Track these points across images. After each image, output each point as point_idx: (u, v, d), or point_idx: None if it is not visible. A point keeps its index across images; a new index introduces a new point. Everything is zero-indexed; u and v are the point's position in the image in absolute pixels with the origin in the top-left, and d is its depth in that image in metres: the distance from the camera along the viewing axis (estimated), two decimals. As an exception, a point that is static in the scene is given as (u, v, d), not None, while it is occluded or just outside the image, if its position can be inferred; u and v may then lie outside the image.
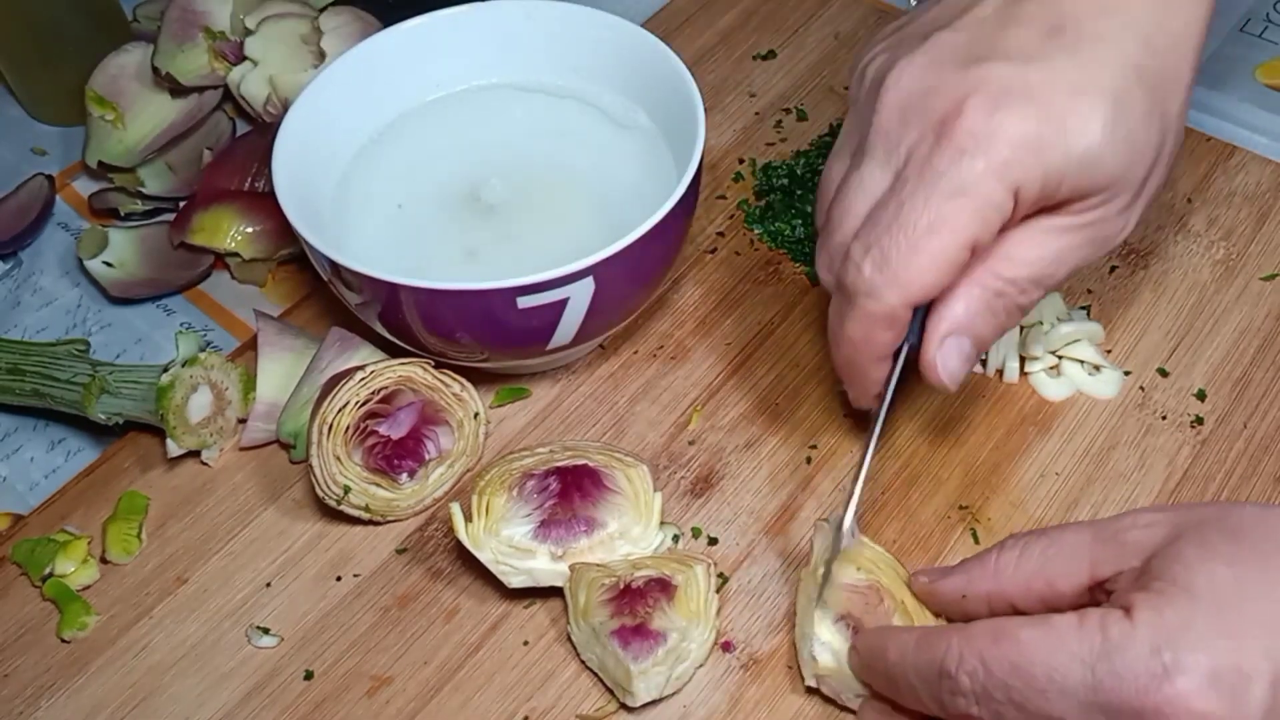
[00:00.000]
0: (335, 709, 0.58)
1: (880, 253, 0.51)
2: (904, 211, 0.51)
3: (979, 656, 0.46)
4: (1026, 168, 0.50)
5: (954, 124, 0.50)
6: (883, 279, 0.51)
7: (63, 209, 0.82)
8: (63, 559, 0.62)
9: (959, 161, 0.50)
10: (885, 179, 0.53)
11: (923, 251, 0.51)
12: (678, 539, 0.62)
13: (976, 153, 0.50)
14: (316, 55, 0.77)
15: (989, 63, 0.51)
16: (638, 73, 0.69)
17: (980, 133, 0.49)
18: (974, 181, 0.50)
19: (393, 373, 0.62)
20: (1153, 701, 0.42)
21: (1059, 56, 0.51)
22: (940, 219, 0.50)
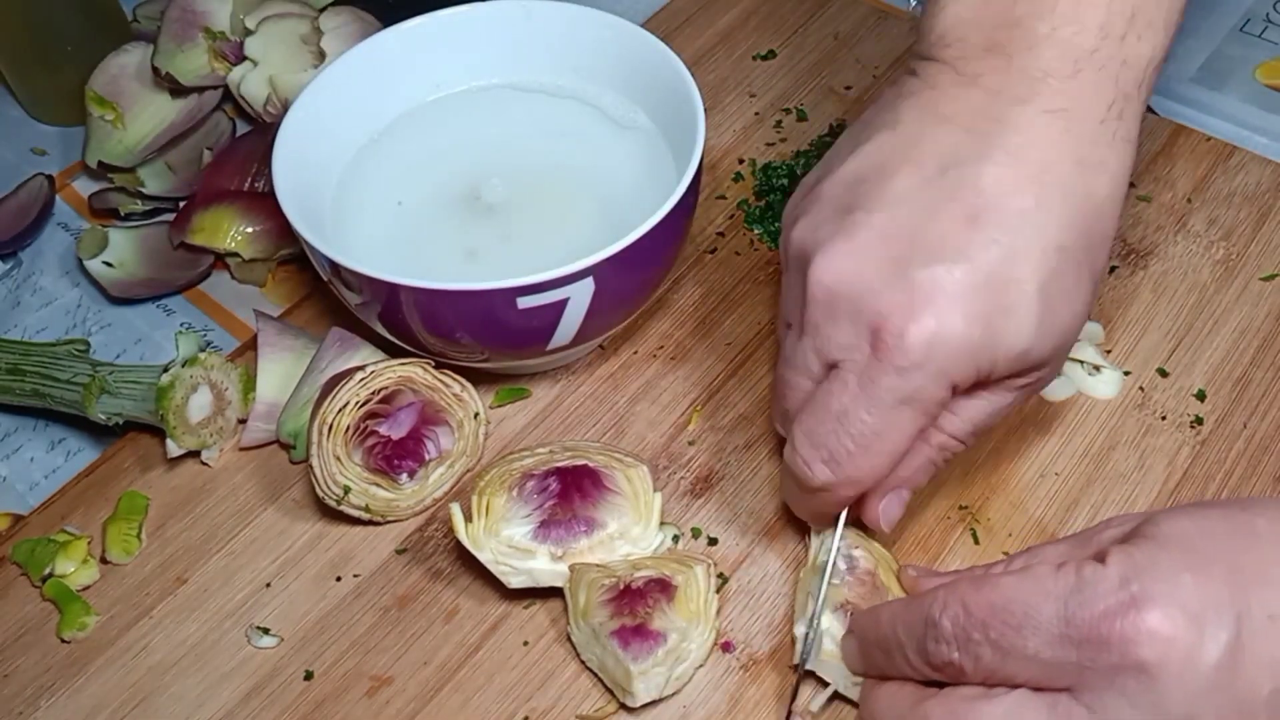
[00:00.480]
0: (335, 709, 0.58)
1: (830, 454, 0.53)
2: (849, 419, 0.52)
3: (961, 601, 0.47)
4: (962, 369, 0.51)
5: (889, 340, 0.50)
6: (836, 479, 0.54)
7: (63, 209, 0.82)
8: (63, 559, 0.62)
9: (900, 378, 0.51)
10: (818, 365, 0.53)
11: (873, 453, 0.53)
12: (678, 539, 0.62)
13: (915, 370, 0.50)
14: (316, 55, 0.77)
15: (915, 268, 0.50)
16: (638, 73, 0.69)
17: (918, 350, 0.50)
18: (915, 391, 0.51)
19: (393, 373, 0.62)
20: (1120, 628, 0.43)
21: (981, 250, 0.50)
22: (887, 425, 0.52)
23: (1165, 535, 0.46)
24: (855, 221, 0.52)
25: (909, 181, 0.52)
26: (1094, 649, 0.44)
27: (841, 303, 0.52)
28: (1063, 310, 0.52)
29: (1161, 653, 0.43)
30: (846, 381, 0.52)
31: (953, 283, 0.50)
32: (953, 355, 0.50)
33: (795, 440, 0.54)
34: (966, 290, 0.50)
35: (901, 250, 0.51)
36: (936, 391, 0.51)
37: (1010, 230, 0.50)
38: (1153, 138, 0.77)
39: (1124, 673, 0.43)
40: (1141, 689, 0.43)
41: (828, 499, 0.55)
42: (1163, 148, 0.77)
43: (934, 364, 0.50)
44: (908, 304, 0.50)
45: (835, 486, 0.54)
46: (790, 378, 0.55)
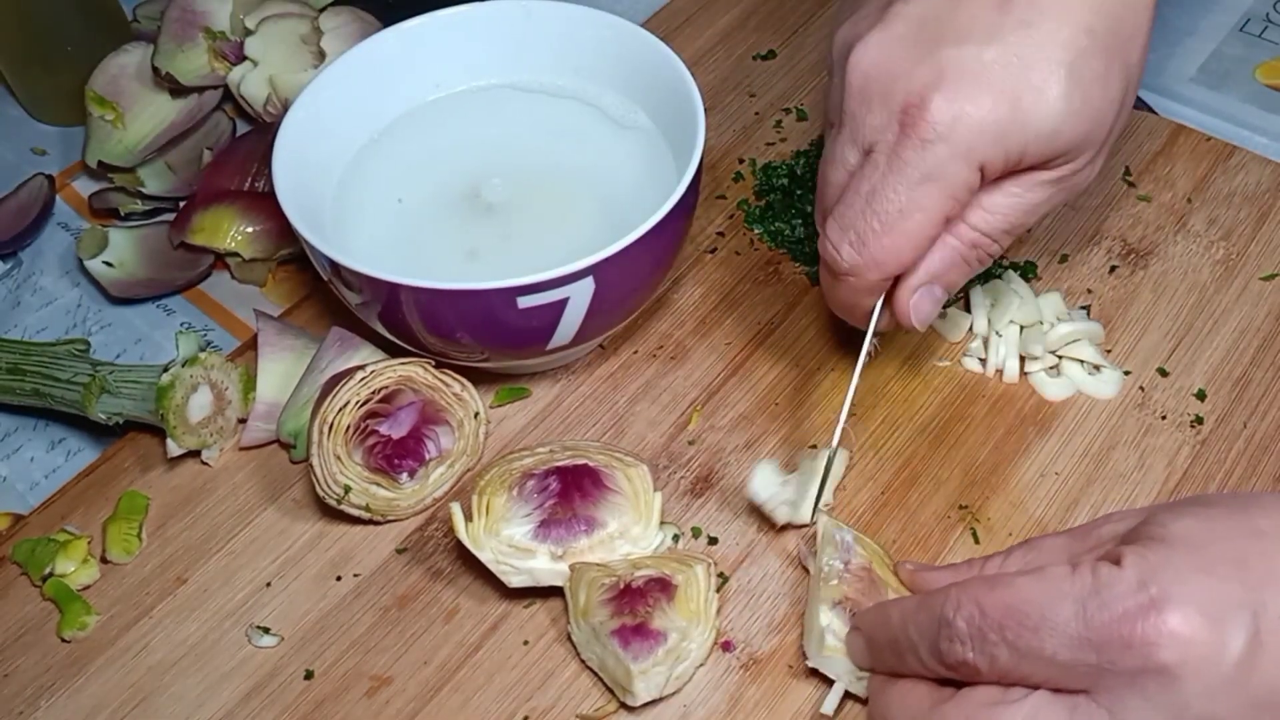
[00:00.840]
0: (335, 709, 0.58)
1: (856, 236, 0.55)
2: (876, 198, 0.54)
3: (975, 601, 0.47)
4: (989, 148, 0.52)
5: (916, 115, 0.52)
6: (861, 260, 0.55)
7: (63, 209, 0.82)
8: (63, 559, 0.62)
9: (924, 151, 0.52)
10: (854, 155, 0.55)
11: (898, 234, 0.54)
12: (678, 539, 0.62)
13: (939, 142, 0.52)
14: (316, 55, 0.77)
15: (944, 46, 0.52)
16: (638, 73, 0.69)
17: (942, 123, 0.52)
18: (940, 167, 0.52)
19: (393, 372, 0.62)
20: (1140, 631, 0.43)
21: (1011, 31, 0.52)
22: (912, 203, 0.53)
23: (1174, 536, 0.46)
24: (893, 12, 0.54)
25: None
26: (1114, 652, 0.44)
27: (875, 86, 0.53)
28: (1094, 94, 0.53)
29: (1182, 654, 0.43)
30: (877, 163, 0.54)
31: (981, 61, 0.52)
32: (978, 131, 0.52)
33: (826, 228, 0.56)
34: (994, 68, 0.52)
35: (933, 34, 0.53)
36: (962, 170, 0.52)
37: (1040, 13, 0.52)
38: (1153, 138, 0.77)
39: (1145, 675, 0.43)
40: (1162, 691, 0.43)
41: (856, 285, 0.56)
42: (1163, 148, 0.77)
43: (959, 138, 0.52)
44: (935, 80, 0.52)
45: (861, 269, 0.55)
46: (829, 173, 0.57)
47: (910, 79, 0.53)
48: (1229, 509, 0.47)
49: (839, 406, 0.66)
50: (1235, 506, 0.47)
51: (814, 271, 0.72)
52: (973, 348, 0.68)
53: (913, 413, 0.66)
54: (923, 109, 0.52)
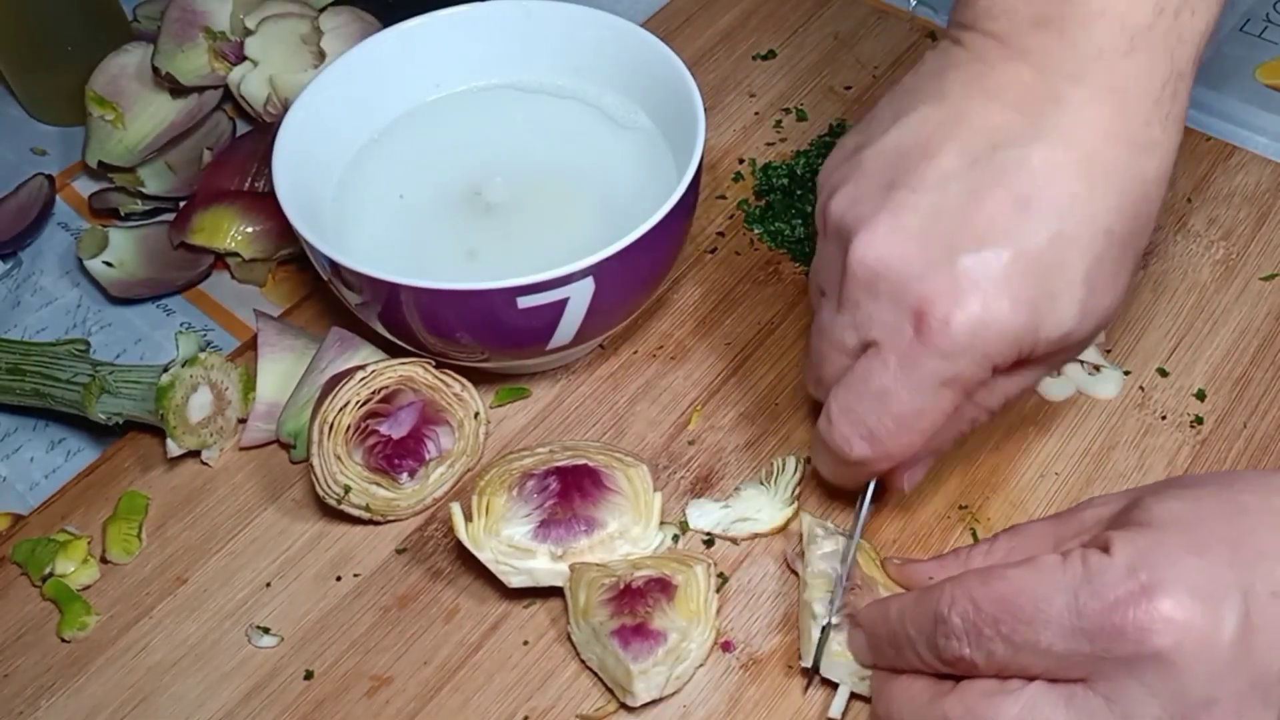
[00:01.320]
0: (335, 709, 0.58)
1: (869, 431, 0.53)
2: (890, 400, 0.52)
3: (969, 596, 0.47)
4: (1005, 352, 0.51)
5: (937, 328, 0.50)
6: (874, 455, 0.54)
7: (63, 209, 0.82)
8: (63, 559, 0.62)
9: (944, 361, 0.51)
10: (854, 340, 0.53)
11: (913, 431, 0.53)
12: (677, 539, 0.62)
13: (958, 355, 0.50)
14: (316, 55, 0.77)
15: (962, 251, 0.50)
16: (638, 73, 0.69)
17: (963, 336, 0.50)
18: (957, 374, 0.51)
19: (393, 372, 0.62)
20: (1134, 617, 0.43)
21: (1031, 236, 0.50)
22: (929, 406, 0.52)
23: (1161, 519, 0.46)
24: (900, 201, 0.51)
25: (955, 161, 0.51)
26: (1109, 639, 0.44)
27: (884, 284, 0.51)
28: (1106, 293, 0.52)
29: (1177, 639, 0.43)
30: (887, 361, 0.52)
31: (1000, 268, 0.50)
32: (997, 340, 0.50)
33: (833, 416, 0.54)
34: (1013, 276, 0.50)
35: (947, 233, 0.50)
36: (978, 373, 0.51)
37: (1060, 216, 0.50)
38: (1153, 138, 0.77)
39: (1141, 661, 0.44)
40: (1160, 676, 0.43)
41: (863, 471, 0.56)
42: (1163, 148, 0.77)
43: (978, 349, 0.50)
44: (953, 289, 0.50)
45: (874, 462, 0.54)
46: (825, 350, 0.55)
47: (924, 283, 0.50)
48: (1213, 489, 0.47)
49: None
50: (1219, 486, 0.48)
51: (814, 271, 0.73)
52: (973, 348, 0.68)
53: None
54: (944, 323, 0.50)
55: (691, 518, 0.62)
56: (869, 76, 0.84)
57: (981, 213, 0.50)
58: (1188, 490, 0.48)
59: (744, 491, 0.62)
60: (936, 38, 0.85)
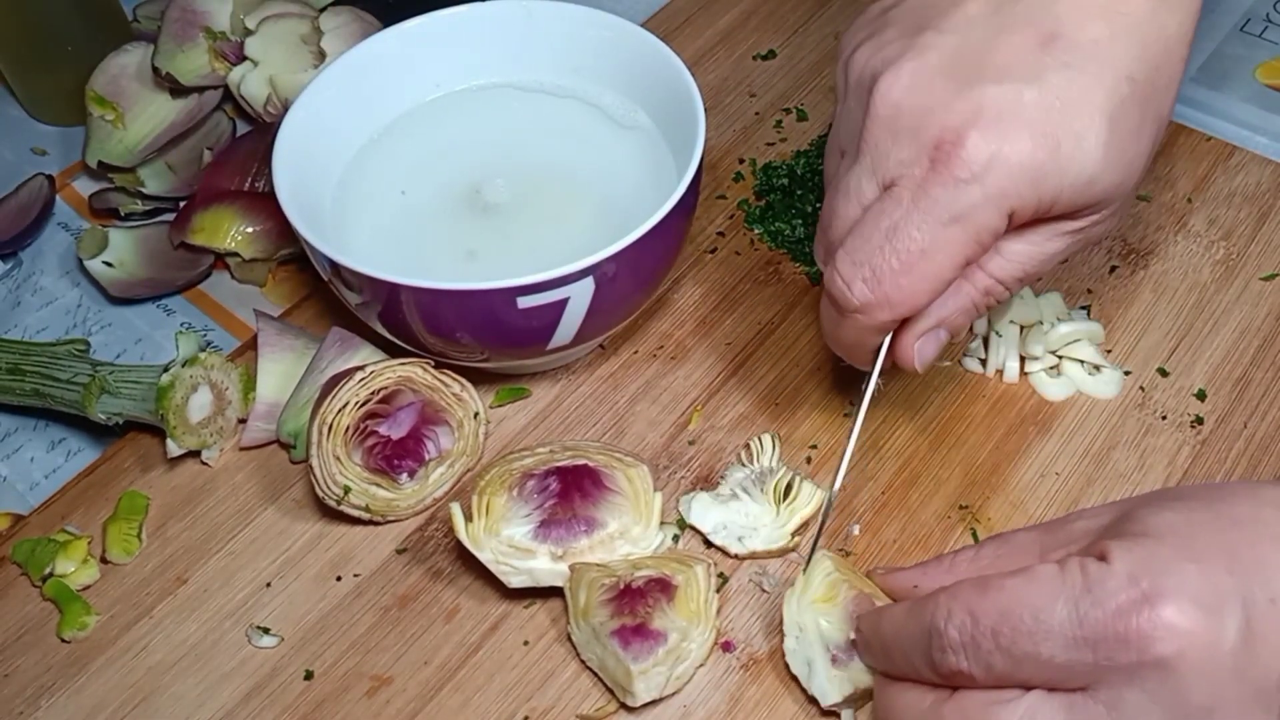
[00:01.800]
0: (335, 709, 0.58)
1: (872, 272, 0.52)
2: (898, 235, 0.51)
3: (966, 609, 0.46)
4: (1023, 194, 0.50)
5: (950, 152, 0.50)
6: (874, 299, 0.52)
7: (63, 209, 0.82)
8: (63, 559, 0.62)
9: (956, 190, 0.50)
10: (872, 188, 0.53)
11: (917, 274, 0.51)
12: (677, 539, 0.62)
13: (974, 183, 0.50)
14: (316, 55, 0.77)
15: (982, 84, 0.50)
16: (638, 73, 0.69)
17: (977, 163, 0.49)
18: (971, 209, 0.50)
19: (393, 373, 0.62)
20: (1136, 626, 0.43)
21: (1053, 73, 0.50)
22: (936, 244, 0.51)
23: (1158, 529, 0.46)
24: (925, 41, 0.52)
25: (980, 6, 0.51)
26: (1110, 648, 0.43)
27: (905, 118, 0.51)
28: (1129, 145, 0.51)
29: (1179, 646, 0.43)
30: (900, 198, 0.51)
31: (1023, 102, 0.49)
32: (1015, 175, 0.49)
33: (838, 261, 0.53)
34: (1036, 111, 0.49)
35: (971, 69, 0.50)
36: (992, 214, 0.50)
37: (1083, 56, 0.50)
38: (1153, 138, 0.77)
39: (1143, 669, 0.43)
40: (1161, 684, 0.43)
41: (864, 323, 0.54)
42: (1163, 148, 0.76)
43: (993, 180, 0.49)
44: (973, 118, 0.50)
45: (873, 308, 0.53)
46: (839, 205, 0.54)
47: (946, 113, 0.50)
48: (1204, 501, 0.47)
49: (838, 412, 0.66)
50: (1210, 499, 0.47)
51: (814, 272, 0.72)
52: (973, 348, 0.68)
53: (913, 413, 0.66)
54: (958, 146, 0.49)
55: (689, 513, 0.62)
56: (869, 76, 0.84)
57: (1006, 50, 0.50)
58: (1179, 502, 0.48)
59: (740, 494, 0.62)
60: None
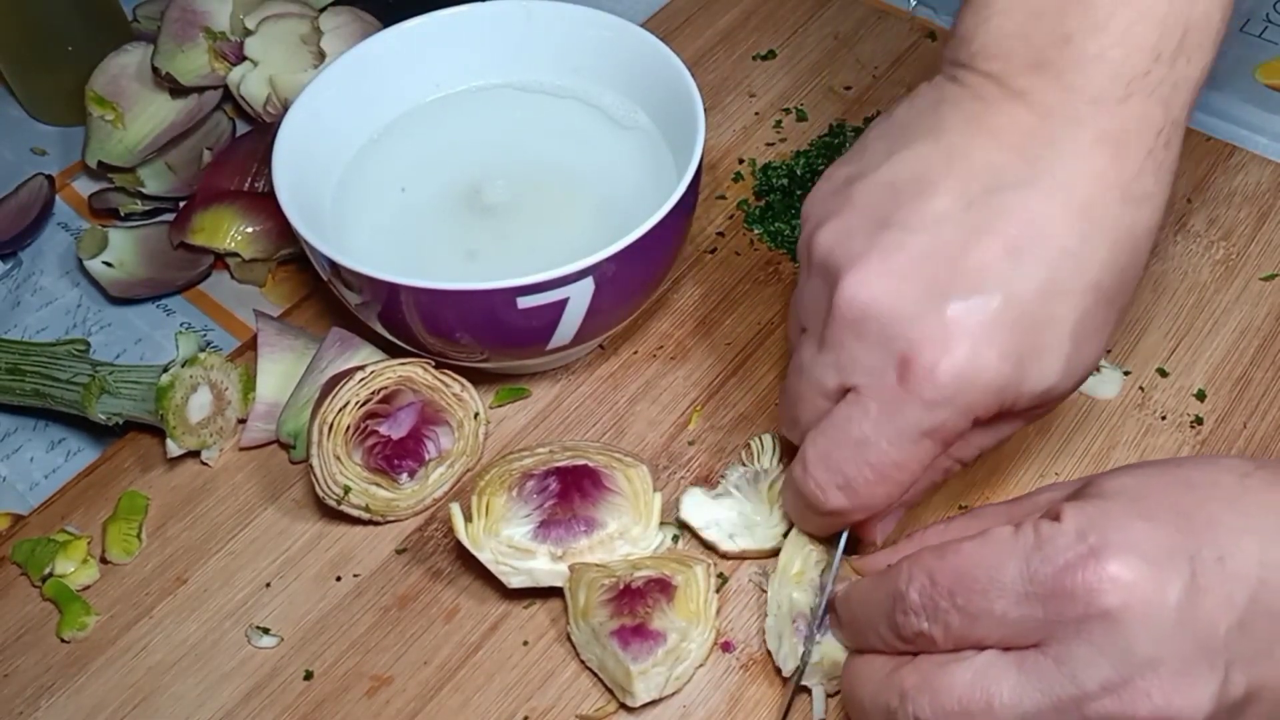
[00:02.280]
0: (335, 709, 0.58)
1: (845, 481, 0.52)
2: (870, 450, 0.51)
3: (926, 571, 0.48)
4: (987, 405, 0.50)
5: (921, 376, 0.49)
6: (851, 506, 0.53)
7: (63, 209, 0.82)
8: (63, 559, 0.62)
9: (928, 412, 0.50)
10: (835, 383, 0.52)
11: (891, 483, 0.52)
12: (677, 539, 0.62)
13: (942, 405, 0.49)
14: (316, 55, 0.77)
15: (952, 297, 0.49)
16: (638, 73, 0.69)
17: (949, 387, 0.49)
18: (939, 425, 0.50)
19: (393, 373, 0.62)
20: (1083, 578, 0.44)
21: (1022, 284, 0.49)
22: (908, 457, 0.51)
23: (1111, 490, 0.47)
24: (891, 240, 0.50)
25: (951, 201, 0.50)
26: (1059, 602, 0.45)
27: (871, 325, 0.50)
28: (1089, 348, 0.51)
29: (1124, 598, 0.44)
30: (868, 409, 0.51)
31: (989, 317, 0.49)
32: (981, 391, 0.49)
33: (809, 463, 0.53)
34: (1002, 325, 0.49)
35: (939, 276, 0.49)
36: (960, 425, 0.50)
37: (1051, 266, 0.49)
38: (1153, 138, 0.77)
39: (1089, 621, 0.44)
40: (1107, 635, 0.44)
41: (837, 521, 0.55)
42: (1163, 148, 0.77)
43: (963, 399, 0.49)
44: (942, 336, 0.49)
45: (850, 512, 0.54)
46: (804, 391, 0.54)
47: (913, 328, 0.49)
48: (1162, 467, 0.49)
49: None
50: (1169, 465, 0.49)
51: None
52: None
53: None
54: (931, 372, 0.49)
55: (681, 507, 0.61)
56: (869, 76, 0.84)
57: (974, 257, 0.49)
58: (1139, 469, 0.49)
59: (735, 492, 0.62)
60: (936, 38, 0.85)
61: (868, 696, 0.50)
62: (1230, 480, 0.47)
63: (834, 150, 0.77)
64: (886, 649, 0.50)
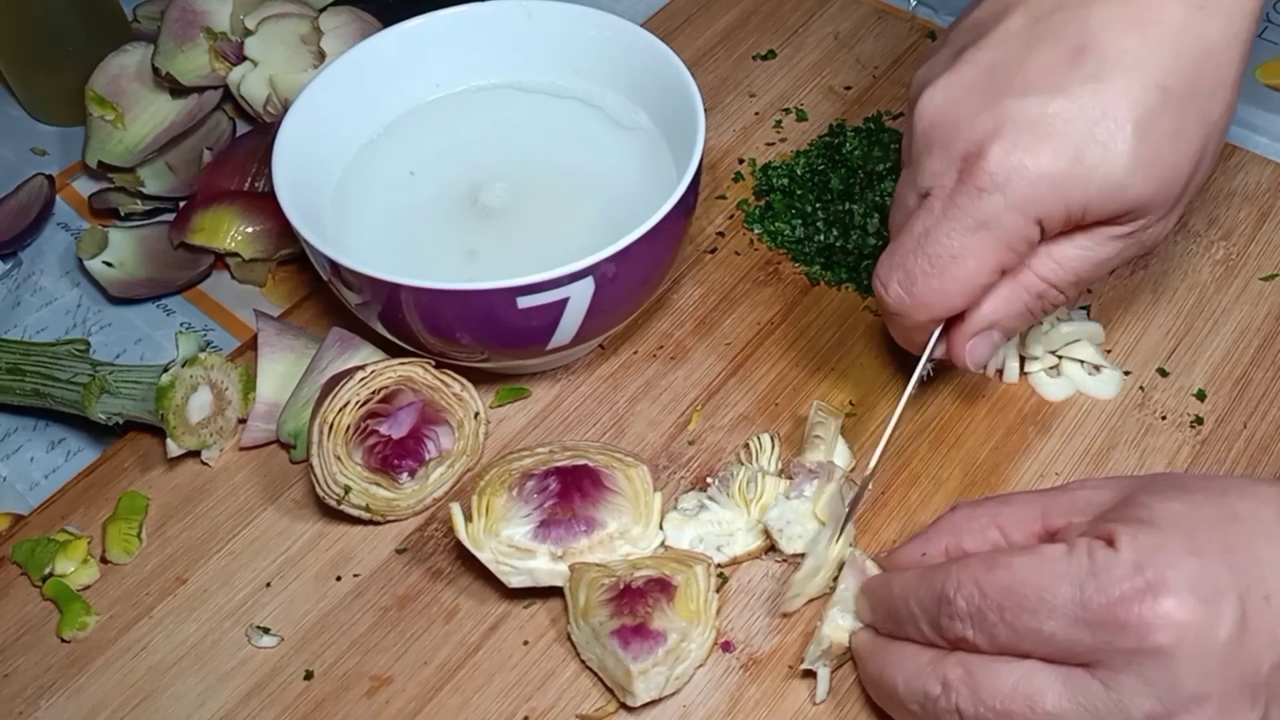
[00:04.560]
0: (335, 709, 0.58)
1: (905, 275, 0.55)
2: (929, 240, 0.54)
3: (974, 581, 0.48)
4: (1048, 202, 0.52)
5: (975, 164, 0.52)
6: (909, 301, 0.55)
7: (63, 209, 0.82)
8: (63, 559, 0.62)
9: (980, 199, 0.52)
10: (913, 198, 0.55)
11: (948, 278, 0.54)
12: (678, 539, 0.62)
13: (995, 192, 0.52)
14: (316, 55, 0.77)
15: (1009, 96, 0.52)
16: (638, 73, 0.69)
17: (999, 173, 0.51)
18: (995, 217, 0.52)
19: (393, 373, 0.62)
20: (1138, 614, 0.45)
21: (1081, 85, 0.51)
22: (964, 250, 0.53)
23: (1163, 519, 0.47)
24: (965, 58, 0.54)
25: (1020, 21, 0.53)
26: (1110, 632, 0.45)
27: (937, 133, 0.53)
28: (1165, 151, 0.52)
29: (1176, 636, 0.44)
30: (933, 207, 0.53)
31: (1044, 113, 0.51)
32: (1036, 185, 0.51)
33: (878, 264, 0.56)
34: (1057, 120, 0.51)
35: (1001, 84, 0.52)
36: (1018, 221, 0.52)
37: (1111, 67, 0.51)
38: (1153, 138, 0.77)
39: (1140, 655, 0.45)
40: (1157, 669, 0.45)
41: (906, 324, 0.57)
42: (1163, 148, 0.77)
43: (1015, 190, 0.51)
44: (995, 130, 0.52)
45: (909, 309, 0.55)
46: (893, 214, 0.57)
47: (972, 127, 0.52)
48: (1208, 494, 0.49)
49: (842, 406, 0.66)
50: (1213, 492, 0.49)
51: (814, 272, 0.73)
52: (973, 348, 0.68)
53: (913, 413, 0.66)
54: (980, 158, 0.52)
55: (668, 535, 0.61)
56: (869, 76, 0.84)
57: (1035, 64, 0.52)
58: (1184, 493, 0.49)
59: (710, 504, 0.62)
60: (936, 37, 0.85)
61: (902, 681, 0.51)
62: (1270, 515, 0.48)
63: (834, 150, 0.77)
64: (923, 641, 0.51)
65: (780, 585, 0.60)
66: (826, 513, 0.60)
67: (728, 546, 0.60)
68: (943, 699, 0.49)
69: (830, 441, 0.63)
